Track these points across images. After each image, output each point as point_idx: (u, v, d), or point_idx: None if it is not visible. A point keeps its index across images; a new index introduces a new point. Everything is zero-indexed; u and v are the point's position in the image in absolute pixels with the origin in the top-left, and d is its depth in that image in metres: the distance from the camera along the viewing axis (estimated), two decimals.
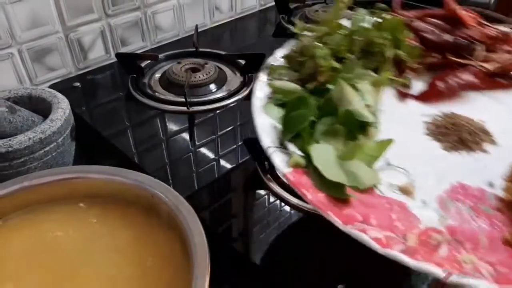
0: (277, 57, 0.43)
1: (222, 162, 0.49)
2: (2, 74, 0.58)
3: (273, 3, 0.88)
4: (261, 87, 0.40)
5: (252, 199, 0.45)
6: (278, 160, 0.32)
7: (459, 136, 0.37)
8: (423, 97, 0.42)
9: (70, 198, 0.38)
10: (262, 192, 0.45)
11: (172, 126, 0.56)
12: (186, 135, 0.54)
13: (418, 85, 0.43)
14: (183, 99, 0.58)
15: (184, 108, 0.57)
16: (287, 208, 0.43)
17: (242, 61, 0.67)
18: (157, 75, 0.65)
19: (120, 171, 0.38)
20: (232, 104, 0.60)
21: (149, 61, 0.66)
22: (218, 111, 0.59)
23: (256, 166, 0.47)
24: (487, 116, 0.39)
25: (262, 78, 0.41)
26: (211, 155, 0.51)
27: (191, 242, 0.32)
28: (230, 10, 0.86)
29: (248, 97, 0.61)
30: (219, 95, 0.61)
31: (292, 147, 0.33)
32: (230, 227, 0.43)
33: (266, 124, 0.35)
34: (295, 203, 0.43)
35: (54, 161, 0.51)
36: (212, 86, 0.63)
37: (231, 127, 0.56)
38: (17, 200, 0.37)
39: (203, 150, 0.51)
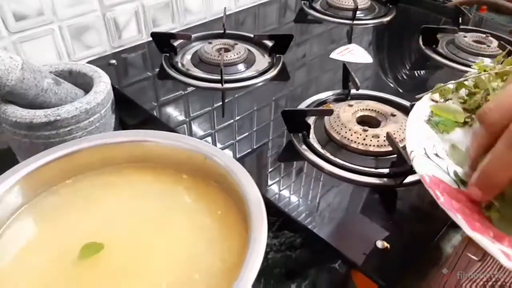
0: (448, 84, 0.42)
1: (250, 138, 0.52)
2: (44, 49, 0.60)
3: None
4: (423, 107, 0.39)
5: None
6: (417, 163, 0.32)
7: None
8: None
9: (129, 162, 0.41)
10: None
11: (206, 102, 0.58)
12: (220, 109, 0.57)
13: None
14: (215, 77, 0.61)
15: (218, 85, 0.60)
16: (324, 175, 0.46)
17: (270, 43, 0.69)
18: (189, 54, 0.68)
19: (172, 135, 0.41)
20: (261, 84, 0.63)
21: (181, 40, 0.69)
22: (248, 89, 0.61)
23: (292, 137, 0.50)
24: None
25: (431, 97, 0.41)
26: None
27: (246, 199, 0.34)
28: None
29: (276, 78, 0.65)
30: (249, 74, 0.64)
31: (435, 158, 0.33)
32: (281, 192, 0.45)
33: (416, 132, 0.36)
34: (331, 171, 0.46)
35: (97, 131, 0.54)
36: (241, 66, 0.65)
37: (264, 103, 0.58)
38: (82, 160, 0.39)
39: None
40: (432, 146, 0.35)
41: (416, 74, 0.71)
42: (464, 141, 0.37)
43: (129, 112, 0.59)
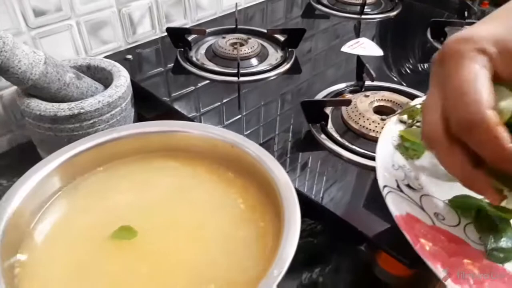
0: (417, 102, 0.42)
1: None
2: (62, 44, 0.61)
3: None
4: (391, 130, 0.39)
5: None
6: (391, 201, 0.32)
7: None
8: None
9: (160, 151, 0.42)
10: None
11: (222, 94, 0.59)
12: (236, 101, 0.58)
13: None
14: (230, 70, 0.62)
15: (235, 79, 0.61)
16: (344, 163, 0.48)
17: (282, 37, 0.71)
18: (203, 49, 0.69)
19: (199, 125, 0.42)
20: (275, 77, 0.64)
21: (195, 35, 0.70)
22: (263, 82, 0.63)
23: (310, 127, 0.51)
24: None
25: (399, 118, 0.41)
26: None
27: (277, 185, 0.35)
28: None
29: (289, 71, 0.66)
30: (263, 68, 0.65)
31: (407, 190, 0.33)
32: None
33: (387, 162, 0.36)
34: (351, 159, 0.47)
35: (118, 124, 0.55)
36: (254, 60, 0.67)
37: (280, 96, 0.60)
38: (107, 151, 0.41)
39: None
40: (404, 176, 0.35)
41: (427, 66, 0.72)
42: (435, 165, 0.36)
43: (146, 106, 0.60)
